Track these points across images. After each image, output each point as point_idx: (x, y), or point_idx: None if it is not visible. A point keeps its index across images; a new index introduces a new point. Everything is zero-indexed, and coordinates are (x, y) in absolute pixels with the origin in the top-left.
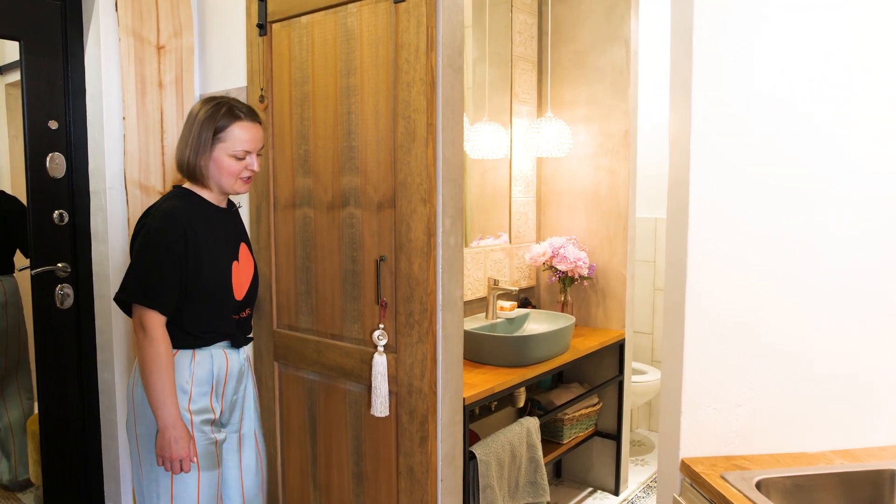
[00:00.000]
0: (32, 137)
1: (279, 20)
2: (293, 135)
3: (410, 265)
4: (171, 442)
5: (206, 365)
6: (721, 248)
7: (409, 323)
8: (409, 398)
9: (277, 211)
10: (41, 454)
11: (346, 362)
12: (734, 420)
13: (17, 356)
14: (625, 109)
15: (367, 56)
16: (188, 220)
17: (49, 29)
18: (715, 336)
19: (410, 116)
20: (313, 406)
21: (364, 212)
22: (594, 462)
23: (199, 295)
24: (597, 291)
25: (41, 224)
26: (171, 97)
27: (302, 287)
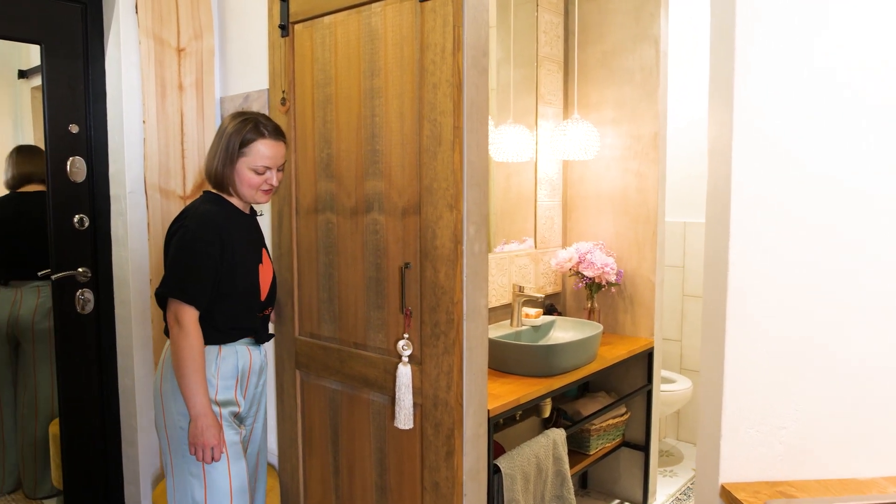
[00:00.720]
0: (53, 141)
1: (301, 21)
2: (315, 138)
3: (436, 273)
4: (203, 430)
5: (232, 360)
6: (765, 257)
7: (435, 333)
8: (434, 411)
9: (300, 216)
10: (62, 459)
11: (369, 372)
12: (778, 443)
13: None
14: (654, 111)
15: (392, 57)
16: (222, 223)
17: (70, 32)
18: (758, 353)
19: (436, 119)
20: (335, 416)
21: (388, 218)
22: (621, 473)
23: (231, 293)
24: (624, 298)
25: (62, 228)
26: (191, 100)
27: (324, 294)
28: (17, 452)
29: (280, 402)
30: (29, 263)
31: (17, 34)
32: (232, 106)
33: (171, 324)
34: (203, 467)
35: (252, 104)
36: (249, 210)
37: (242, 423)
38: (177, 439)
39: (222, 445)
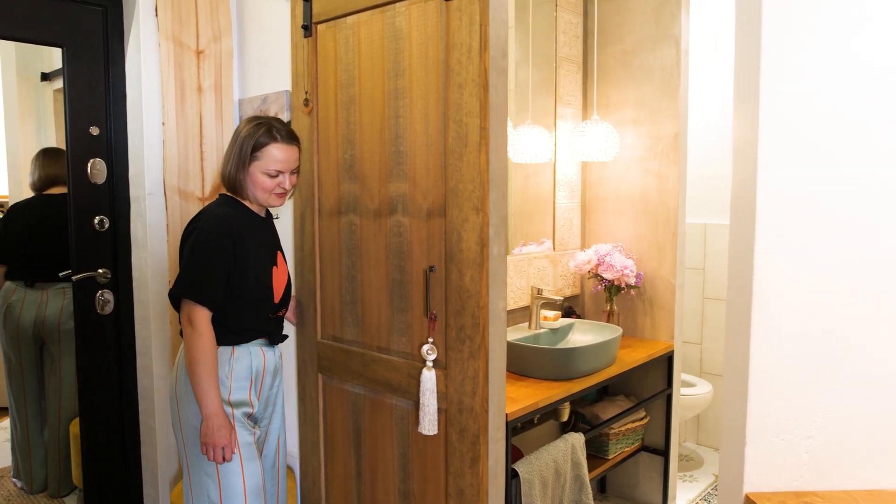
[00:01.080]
0: (74, 143)
1: (324, 21)
2: (339, 139)
3: (462, 277)
4: (214, 430)
5: (245, 361)
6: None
7: (460, 337)
8: (459, 416)
9: (322, 218)
10: (82, 458)
11: (392, 377)
12: (804, 452)
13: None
14: (675, 111)
15: (417, 57)
16: (236, 226)
17: (91, 35)
18: (784, 359)
19: (462, 120)
20: (358, 420)
21: (412, 220)
22: (640, 478)
23: (243, 295)
24: (644, 301)
25: (82, 230)
26: (210, 102)
27: (347, 297)
28: (44, 452)
29: (302, 406)
30: (54, 265)
31: (39, 38)
32: (250, 108)
33: (183, 324)
34: (217, 468)
35: (270, 106)
36: (265, 213)
37: (257, 424)
38: (192, 439)
39: (234, 446)
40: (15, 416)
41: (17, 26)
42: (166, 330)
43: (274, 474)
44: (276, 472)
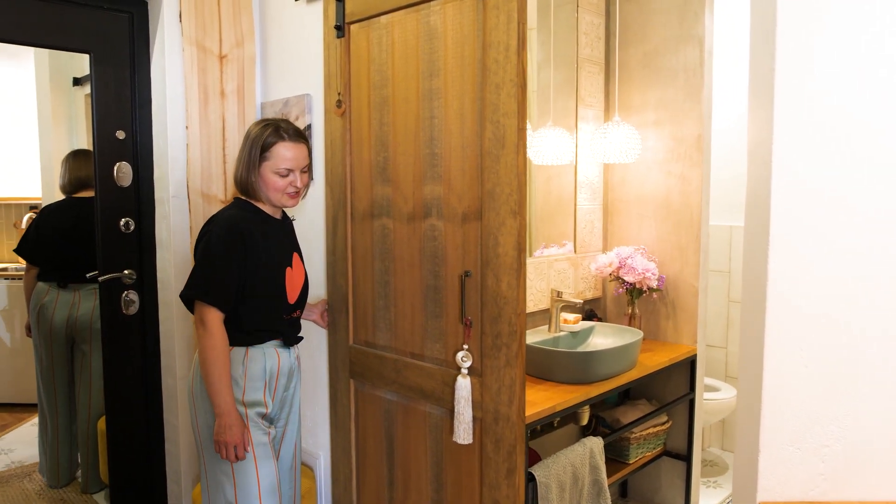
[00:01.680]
0: (101, 147)
1: (357, 21)
2: (371, 141)
3: (498, 282)
4: (226, 428)
5: (260, 361)
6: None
7: (496, 345)
8: (494, 426)
9: (355, 221)
10: (108, 455)
11: (426, 383)
12: (821, 461)
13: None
14: (698, 112)
15: (452, 56)
16: (246, 228)
17: (117, 41)
18: (800, 366)
19: (499, 121)
20: (391, 427)
21: (447, 223)
22: (662, 483)
23: (255, 295)
24: (667, 304)
25: (108, 231)
26: (232, 106)
27: (380, 302)
28: (73, 448)
29: (333, 411)
30: (86, 267)
31: (68, 44)
32: (272, 111)
33: (196, 325)
34: (232, 467)
35: (291, 109)
36: (281, 215)
37: (273, 424)
38: (208, 438)
39: (247, 444)
40: (45, 412)
41: (47, 34)
42: (189, 330)
43: (291, 475)
44: (293, 473)
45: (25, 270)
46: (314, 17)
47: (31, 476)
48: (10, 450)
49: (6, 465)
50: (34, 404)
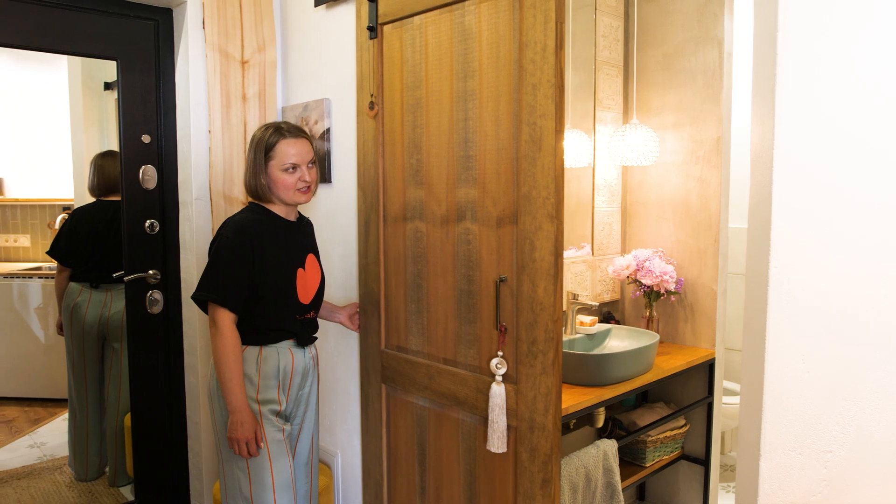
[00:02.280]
0: (127, 151)
1: (390, 21)
2: (405, 143)
3: (534, 288)
4: (238, 425)
5: (273, 361)
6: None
7: (532, 352)
8: (530, 435)
9: (387, 224)
10: (133, 451)
11: (459, 390)
12: (822, 467)
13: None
14: (717, 115)
15: (487, 57)
16: (256, 231)
17: (143, 48)
18: (801, 372)
19: (536, 122)
20: (423, 434)
21: (481, 227)
22: (680, 487)
23: (265, 296)
24: (685, 307)
25: (134, 233)
26: (254, 110)
27: (412, 307)
28: (102, 443)
29: (365, 416)
30: (117, 268)
31: (96, 52)
32: (292, 115)
33: (210, 325)
34: (247, 462)
35: (311, 113)
36: (296, 217)
37: (289, 422)
38: (224, 435)
39: (260, 441)
40: (76, 407)
41: (77, 42)
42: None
43: (307, 472)
44: (309, 470)
45: (57, 271)
46: (333, 22)
47: (61, 469)
48: (42, 443)
49: (38, 457)
50: (65, 399)
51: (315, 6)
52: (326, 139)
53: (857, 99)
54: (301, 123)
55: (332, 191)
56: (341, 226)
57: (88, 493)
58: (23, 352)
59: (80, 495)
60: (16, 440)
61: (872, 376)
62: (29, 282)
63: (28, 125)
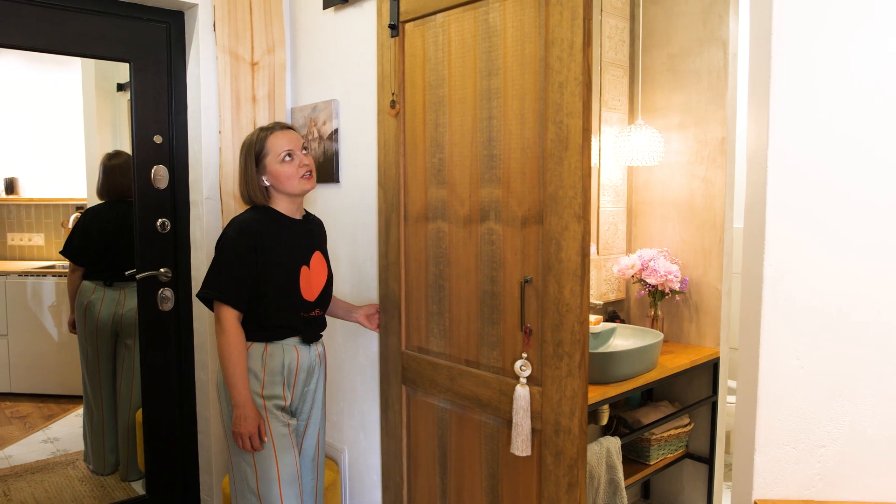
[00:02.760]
0: (139, 151)
1: (412, 19)
2: (427, 142)
3: (560, 289)
4: (241, 419)
5: (278, 357)
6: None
7: (558, 354)
8: (555, 438)
9: (408, 224)
10: (144, 445)
11: (482, 392)
12: (816, 462)
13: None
14: (722, 115)
15: (511, 55)
16: (258, 230)
17: (156, 50)
18: (796, 368)
19: (563, 121)
20: (444, 436)
21: (506, 227)
22: (685, 485)
23: (268, 293)
24: (689, 306)
25: (146, 231)
26: (263, 111)
27: (434, 307)
28: (117, 438)
29: (384, 418)
30: (130, 266)
31: (110, 54)
32: (301, 115)
33: (215, 322)
34: (253, 456)
35: (319, 114)
36: (303, 216)
37: (295, 417)
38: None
39: (263, 435)
40: (91, 403)
41: (91, 45)
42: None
43: (313, 467)
44: (315, 466)
45: (70, 270)
46: (341, 25)
47: (74, 463)
48: (55, 438)
49: (52, 452)
50: (78, 396)
51: (324, 9)
52: (335, 139)
53: (852, 99)
54: (310, 124)
55: (339, 190)
56: (348, 225)
57: (100, 487)
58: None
59: (92, 489)
60: (30, 435)
61: (866, 374)
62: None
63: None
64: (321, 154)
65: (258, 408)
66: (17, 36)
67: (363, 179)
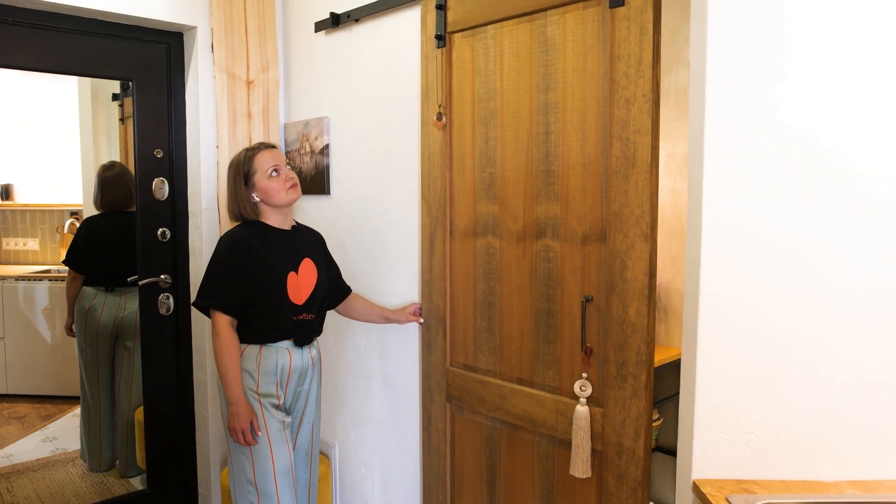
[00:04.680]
0: (142, 165)
1: (461, 30)
2: (476, 156)
3: (625, 309)
4: (234, 416)
5: (272, 359)
6: (736, 277)
7: (622, 375)
8: (617, 460)
9: (454, 239)
10: (145, 442)
11: (536, 412)
12: (746, 446)
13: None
14: (686, 131)
15: (572, 69)
16: (246, 240)
17: (157, 69)
18: (728, 365)
19: (629, 138)
20: (492, 455)
21: (564, 245)
22: (655, 477)
23: (258, 298)
24: (660, 309)
25: (148, 240)
26: (258, 126)
27: (482, 324)
28: (115, 436)
29: (426, 435)
30: (130, 273)
31: (114, 74)
32: (294, 131)
33: (211, 327)
34: (251, 450)
35: (311, 130)
36: (292, 227)
37: (289, 414)
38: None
39: (257, 430)
40: (89, 402)
41: (95, 65)
42: None
43: (307, 462)
44: (308, 460)
45: (70, 278)
46: (331, 47)
47: (73, 461)
48: (54, 437)
49: (51, 451)
50: (74, 396)
51: (315, 32)
52: (326, 154)
53: (789, 110)
54: (302, 139)
55: (330, 202)
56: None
57: (100, 483)
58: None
59: (92, 486)
60: (28, 435)
61: (787, 370)
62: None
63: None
64: (313, 167)
65: (254, 405)
66: (27, 58)
67: (354, 192)
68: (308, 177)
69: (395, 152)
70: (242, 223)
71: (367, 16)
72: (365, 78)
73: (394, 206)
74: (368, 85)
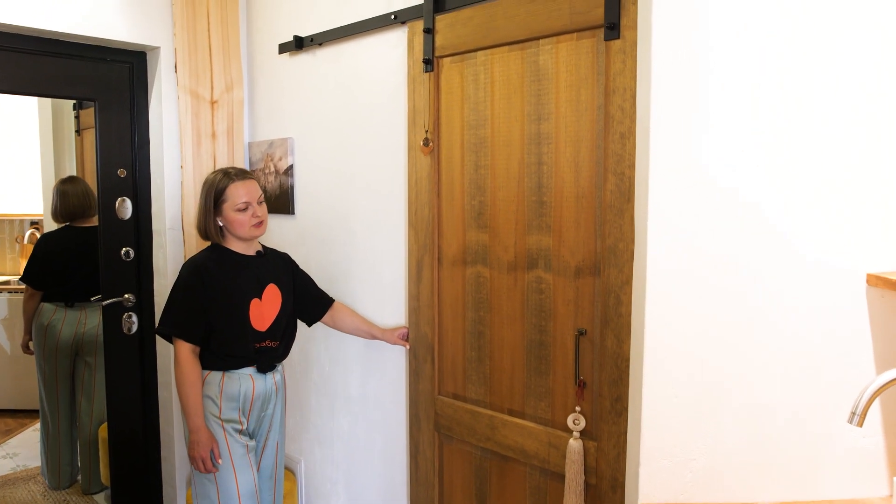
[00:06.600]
0: (104, 184)
1: (450, 55)
2: (465, 184)
3: (620, 343)
4: (195, 444)
5: (235, 386)
6: (677, 314)
7: (616, 409)
8: (612, 494)
9: (443, 267)
10: (109, 460)
11: (528, 444)
12: (689, 472)
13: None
14: None
15: (565, 100)
16: (208, 267)
17: (119, 89)
18: (671, 396)
19: (624, 173)
20: (482, 486)
21: (556, 277)
22: None
23: (220, 325)
24: None
25: (111, 259)
26: (223, 146)
27: (472, 354)
28: (74, 453)
29: (413, 464)
30: (90, 289)
31: (77, 94)
32: (259, 150)
33: (173, 355)
34: (215, 475)
35: (276, 150)
36: (257, 252)
37: (253, 438)
38: None
39: (217, 458)
40: (48, 419)
41: (59, 86)
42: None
43: (271, 484)
44: (273, 484)
45: (27, 295)
46: (294, 69)
47: (35, 478)
48: (15, 454)
49: (11, 468)
50: (35, 410)
51: (279, 53)
52: (290, 174)
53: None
54: (266, 159)
55: (295, 222)
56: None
57: (63, 501)
58: None
59: (55, 503)
60: None
61: (727, 400)
62: None
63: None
64: (277, 187)
65: (217, 430)
66: None
67: (318, 212)
68: (273, 196)
69: (364, 175)
70: (207, 248)
71: (331, 40)
72: (330, 101)
73: (359, 229)
74: (335, 108)
